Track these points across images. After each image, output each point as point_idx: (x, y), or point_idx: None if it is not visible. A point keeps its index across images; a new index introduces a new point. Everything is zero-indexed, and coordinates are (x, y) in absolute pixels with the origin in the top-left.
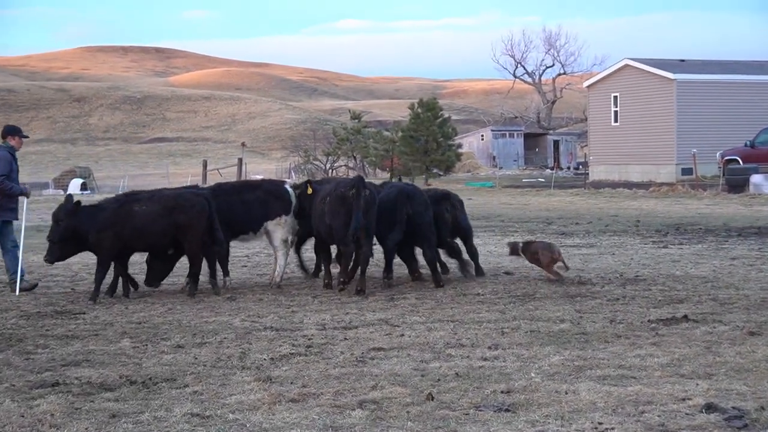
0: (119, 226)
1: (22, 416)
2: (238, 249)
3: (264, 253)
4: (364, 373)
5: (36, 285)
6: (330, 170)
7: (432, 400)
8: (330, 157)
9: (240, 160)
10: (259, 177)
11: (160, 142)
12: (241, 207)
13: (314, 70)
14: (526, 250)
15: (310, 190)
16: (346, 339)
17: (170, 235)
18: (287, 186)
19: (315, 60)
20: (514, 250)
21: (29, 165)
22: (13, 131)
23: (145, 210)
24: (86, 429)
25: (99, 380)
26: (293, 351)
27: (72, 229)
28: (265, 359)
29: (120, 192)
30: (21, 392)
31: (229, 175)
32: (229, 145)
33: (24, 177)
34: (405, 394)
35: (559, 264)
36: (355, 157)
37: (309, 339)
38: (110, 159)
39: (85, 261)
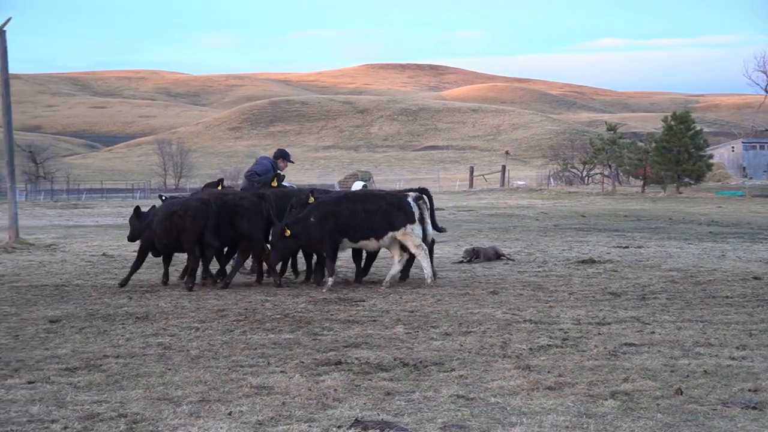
0: (149, 229)
1: (310, 390)
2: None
3: (525, 252)
4: (616, 366)
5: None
6: (586, 177)
7: (681, 394)
8: (586, 166)
9: (503, 167)
10: (520, 182)
11: (432, 150)
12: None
13: (573, 85)
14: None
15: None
16: (599, 334)
17: (173, 236)
18: (410, 199)
19: (574, 75)
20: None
21: (318, 168)
22: (283, 155)
23: (158, 215)
24: (364, 404)
25: (376, 361)
26: (550, 343)
27: (138, 230)
28: (524, 349)
29: None
30: (308, 368)
31: (494, 181)
32: (493, 153)
33: (313, 179)
34: (655, 388)
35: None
36: (610, 166)
37: (565, 332)
38: (388, 164)
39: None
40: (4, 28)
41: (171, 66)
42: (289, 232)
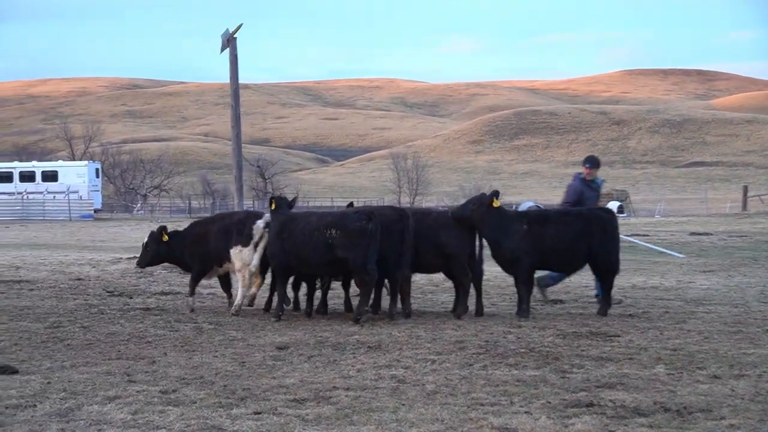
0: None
1: None
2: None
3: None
4: None
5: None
6: None
7: None
8: None
9: None
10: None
11: (698, 167)
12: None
13: None
14: None
15: (165, 237)
16: None
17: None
18: (259, 222)
19: None
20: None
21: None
22: (588, 161)
23: None
24: None
25: (633, 404)
26: None
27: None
28: None
29: None
30: (556, 410)
31: None
32: None
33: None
34: None
35: None
36: None
37: None
38: (647, 182)
39: (573, 281)
40: (235, 36)
41: (408, 74)
42: (166, 237)
